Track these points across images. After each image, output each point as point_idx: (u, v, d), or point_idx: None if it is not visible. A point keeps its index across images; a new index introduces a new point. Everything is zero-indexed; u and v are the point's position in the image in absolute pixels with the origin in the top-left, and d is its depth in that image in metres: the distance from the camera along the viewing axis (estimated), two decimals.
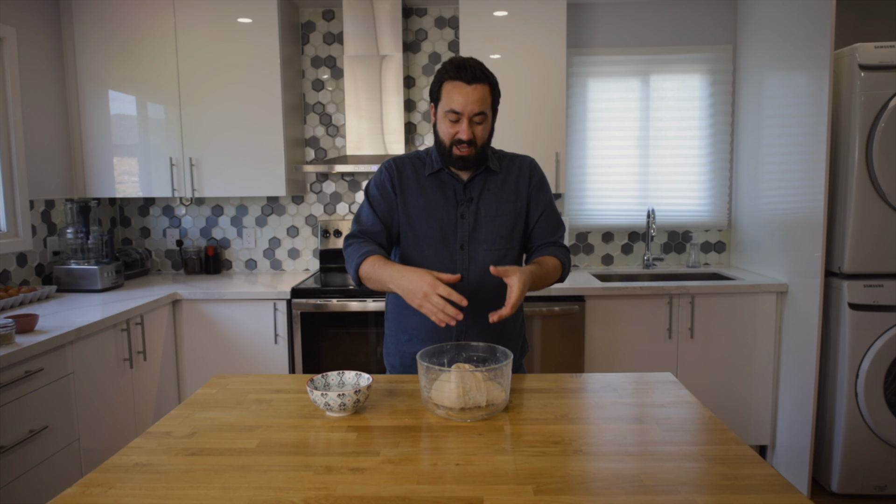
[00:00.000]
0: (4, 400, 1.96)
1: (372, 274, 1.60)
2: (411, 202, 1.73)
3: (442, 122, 1.65)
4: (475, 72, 1.59)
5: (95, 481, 1.12)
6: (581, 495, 1.06)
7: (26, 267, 2.97)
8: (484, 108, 1.61)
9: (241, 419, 1.39)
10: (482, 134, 1.65)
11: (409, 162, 1.77)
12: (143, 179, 3.26)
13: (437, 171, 1.73)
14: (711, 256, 3.65)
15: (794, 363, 2.88)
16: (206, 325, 3.03)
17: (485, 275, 1.71)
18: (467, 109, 1.59)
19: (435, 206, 1.73)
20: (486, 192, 1.74)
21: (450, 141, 1.64)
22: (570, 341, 2.97)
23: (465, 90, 1.58)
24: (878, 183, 2.61)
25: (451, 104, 1.60)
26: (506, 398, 1.42)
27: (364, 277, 1.64)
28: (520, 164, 1.80)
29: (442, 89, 1.63)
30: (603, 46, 3.51)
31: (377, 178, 1.77)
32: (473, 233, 1.73)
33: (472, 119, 1.61)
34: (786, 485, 1.09)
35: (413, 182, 1.74)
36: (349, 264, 1.68)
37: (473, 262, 1.73)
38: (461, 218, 1.73)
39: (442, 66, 1.64)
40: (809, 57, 2.74)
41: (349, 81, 3.26)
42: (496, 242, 1.74)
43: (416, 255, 1.75)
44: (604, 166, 3.57)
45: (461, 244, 1.73)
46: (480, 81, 1.59)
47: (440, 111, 1.65)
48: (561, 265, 1.74)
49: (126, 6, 3.15)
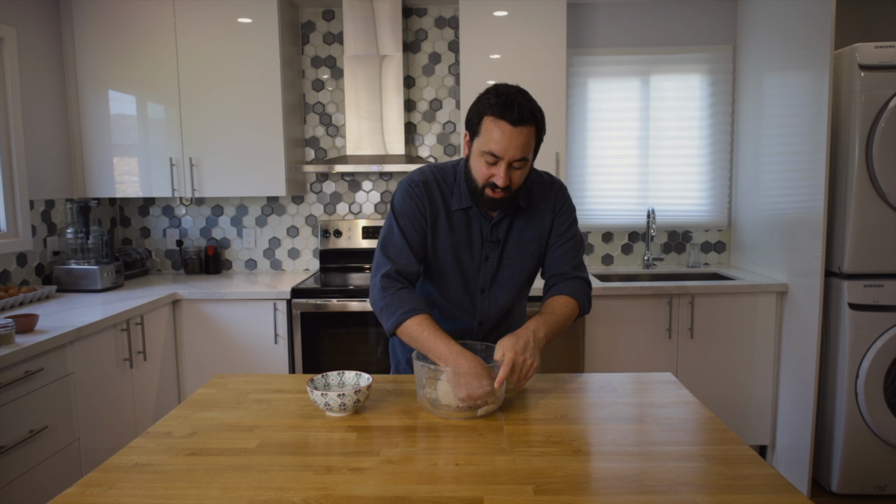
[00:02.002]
0: (4, 400, 1.96)
1: (416, 337, 1.47)
2: (439, 239, 1.60)
3: (477, 160, 1.48)
4: (523, 112, 1.40)
5: (95, 481, 1.12)
6: (581, 495, 1.06)
7: (26, 267, 2.97)
8: (526, 153, 1.44)
9: (241, 419, 1.39)
10: (519, 179, 1.49)
11: (437, 187, 1.60)
12: (143, 179, 3.26)
13: (465, 207, 1.59)
14: (711, 256, 3.65)
15: (794, 363, 2.88)
16: (206, 325, 3.03)
17: (502, 316, 1.70)
18: (508, 154, 1.42)
19: (460, 247, 1.61)
20: (512, 232, 1.62)
21: (483, 182, 1.48)
22: (570, 341, 2.97)
23: (510, 133, 1.40)
24: (878, 183, 2.61)
25: (490, 145, 1.43)
26: (501, 397, 1.42)
27: (403, 335, 1.51)
28: (546, 193, 1.64)
29: (482, 124, 1.44)
30: (603, 46, 3.51)
31: (408, 205, 1.58)
32: (495, 276, 1.64)
33: (512, 164, 1.44)
34: (786, 485, 1.09)
35: (442, 215, 1.59)
36: (387, 315, 1.52)
37: (493, 306, 1.67)
38: (485, 260, 1.62)
39: (485, 97, 1.45)
40: (809, 57, 2.74)
41: (349, 81, 3.26)
42: (517, 286, 1.67)
43: (437, 295, 1.67)
44: (604, 166, 3.57)
45: (482, 288, 1.64)
46: (527, 123, 1.41)
47: (476, 147, 1.47)
48: (575, 302, 1.61)
49: (126, 6, 3.15)
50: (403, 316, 1.49)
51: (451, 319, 1.68)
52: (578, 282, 1.65)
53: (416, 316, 1.48)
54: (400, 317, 1.49)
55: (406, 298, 1.52)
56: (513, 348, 1.41)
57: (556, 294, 1.62)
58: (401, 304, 1.51)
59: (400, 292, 1.53)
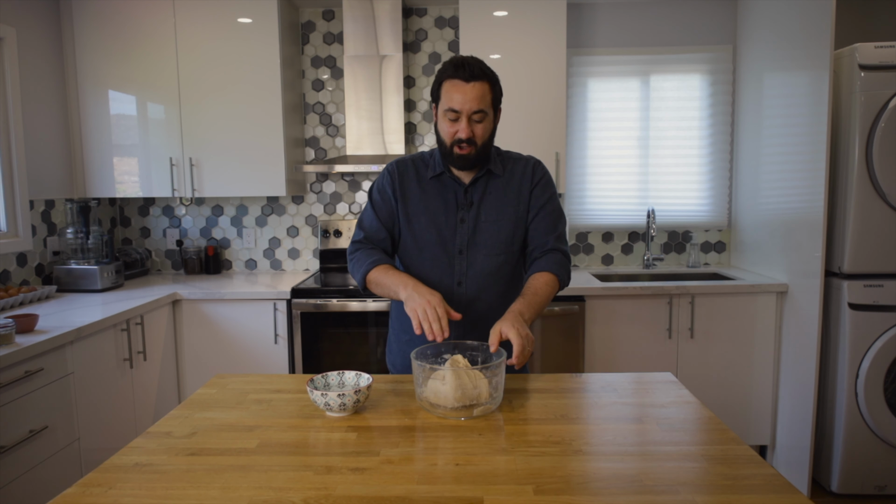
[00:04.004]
0: (4, 400, 1.96)
1: (382, 279, 1.64)
2: (411, 205, 1.73)
3: (442, 122, 1.64)
4: (473, 69, 1.58)
5: (95, 481, 1.12)
6: (581, 495, 1.06)
7: (26, 267, 2.97)
8: (483, 105, 1.60)
9: (241, 419, 1.39)
10: (482, 132, 1.63)
11: (412, 164, 1.76)
12: (143, 179, 3.26)
13: (438, 174, 1.72)
14: (711, 256, 3.65)
15: (794, 363, 2.88)
16: (206, 325, 3.03)
17: (483, 281, 1.71)
18: (466, 107, 1.58)
19: (435, 210, 1.71)
20: (488, 196, 1.72)
21: (450, 140, 1.63)
22: (570, 341, 2.97)
23: (464, 88, 1.58)
24: (878, 183, 2.61)
25: (449, 102, 1.59)
26: (500, 396, 1.42)
27: (371, 282, 1.67)
28: (523, 165, 1.76)
29: (441, 88, 1.62)
30: (603, 46, 3.51)
31: (379, 182, 1.77)
32: (473, 238, 1.71)
33: (472, 117, 1.60)
34: (786, 485, 1.09)
35: (414, 185, 1.73)
36: (356, 269, 1.70)
37: (472, 267, 1.71)
38: (461, 223, 1.71)
39: (442, 66, 1.64)
40: (809, 57, 2.74)
41: (349, 81, 3.26)
42: (495, 248, 1.72)
43: (415, 258, 1.74)
44: (604, 166, 3.57)
45: (460, 249, 1.71)
46: (479, 79, 1.58)
47: (440, 110, 1.64)
48: (555, 278, 1.68)
49: (126, 6, 3.15)
50: (370, 265, 1.67)
51: (432, 281, 1.70)
52: (558, 255, 1.73)
53: (381, 265, 1.67)
54: (368, 266, 1.67)
55: (371, 253, 1.71)
56: (513, 327, 1.46)
57: (537, 271, 1.70)
58: (367, 257, 1.69)
59: (366, 250, 1.72)
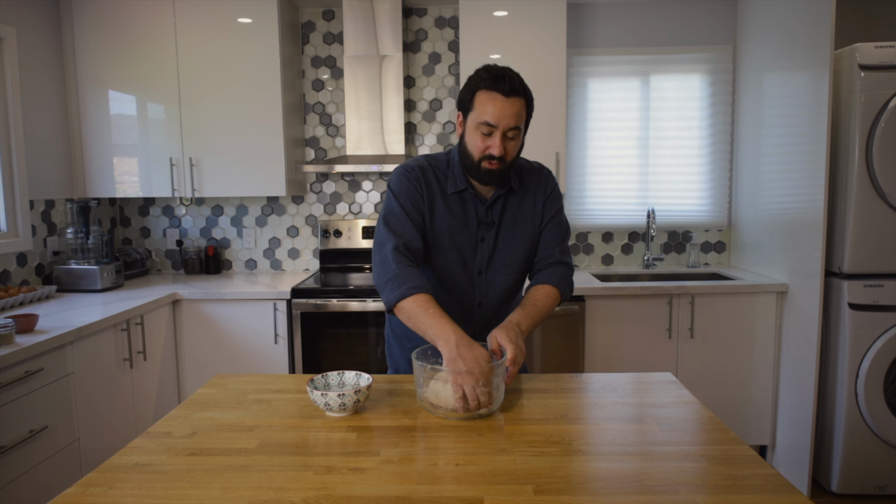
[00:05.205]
0: (4, 400, 1.96)
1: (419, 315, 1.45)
2: (437, 222, 1.64)
3: (472, 134, 1.55)
4: (514, 84, 1.49)
5: (95, 481, 1.11)
6: (581, 495, 1.06)
7: (26, 267, 2.97)
8: (519, 122, 1.52)
9: (241, 419, 1.39)
10: (513, 150, 1.56)
11: (432, 173, 1.65)
12: (143, 179, 3.26)
13: (460, 190, 1.64)
14: (711, 256, 3.65)
15: (794, 363, 2.88)
16: (206, 325, 3.03)
17: (500, 299, 1.70)
18: (503, 123, 1.49)
19: (457, 229, 1.64)
20: (506, 214, 1.67)
21: (479, 155, 1.54)
22: (570, 341, 2.97)
23: (503, 103, 1.48)
24: (878, 183, 2.61)
25: (484, 116, 1.50)
26: (501, 397, 1.42)
27: (403, 309, 1.48)
28: (536, 178, 1.71)
29: (475, 99, 1.52)
30: (603, 46, 3.51)
31: (405, 186, 1.62)
32: (492, 257, 1.67)
33: (506, 134, 1.52)
34: (786, 485, 1.09)
35: (439, 198, 1.64)
36: (392, 285, 1.50)
37: (491, 287, 1.69)
38: (481, 242, 1.66)
39: (476, 75, 1.53)
40: (809, 57, 2.74)
41: (349, 81, 3.26)
42: (514, 267, 1.69)
43: (436, 279, 1.68)
44: (604, 166, 3.57)
45: (479, 269, 1.67)
46: (518, 95, 1.50)
47: (471, 122, 1.54)
48: (556, 291, 1.66)
49: (126, 6, 3.15)
50: (411, 290, 1.47)
51: (452, 302, 1.68)
52: (562, 268, 1.70)
53: (423, 293, 1.47)
54: (407, 290, 1.47)
55: (414, 275, 1.51)
56: (512, 342, 1.44)
57: (539, 283, 1.67)
58: (409, 279, 1.49)
59: (410, 269, 1.52)
